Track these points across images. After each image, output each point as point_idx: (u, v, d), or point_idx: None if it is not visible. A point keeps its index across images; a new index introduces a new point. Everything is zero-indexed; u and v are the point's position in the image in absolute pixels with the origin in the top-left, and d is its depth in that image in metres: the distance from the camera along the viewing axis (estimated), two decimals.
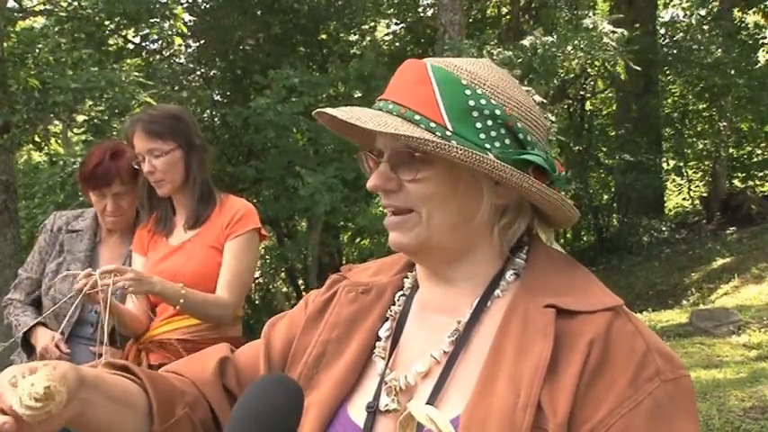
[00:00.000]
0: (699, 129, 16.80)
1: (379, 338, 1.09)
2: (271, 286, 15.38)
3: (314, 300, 1.20)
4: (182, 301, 2.39)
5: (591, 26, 10.28)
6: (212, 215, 2.58)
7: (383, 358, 1.07)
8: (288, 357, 1.15)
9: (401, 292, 1.14)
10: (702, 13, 16.64)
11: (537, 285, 1.01)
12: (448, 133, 0.99)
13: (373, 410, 1.02)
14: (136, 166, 2.59)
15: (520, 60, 10.02)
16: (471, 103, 1.01)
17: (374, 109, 1.04)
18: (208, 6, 13.77)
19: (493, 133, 1.01)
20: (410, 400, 1.01)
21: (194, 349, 2.45)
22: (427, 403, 0.98)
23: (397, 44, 15.17)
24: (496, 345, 0.97)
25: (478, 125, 1.01)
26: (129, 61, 12.78)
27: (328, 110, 1.04)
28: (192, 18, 13.26)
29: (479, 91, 1.02)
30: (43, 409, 0.88)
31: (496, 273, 1.05)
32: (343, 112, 1.01)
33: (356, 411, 1.04)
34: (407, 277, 1.15)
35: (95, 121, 9.73)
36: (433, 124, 0.99)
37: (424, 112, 1.00)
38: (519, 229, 1.07)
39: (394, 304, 1.12)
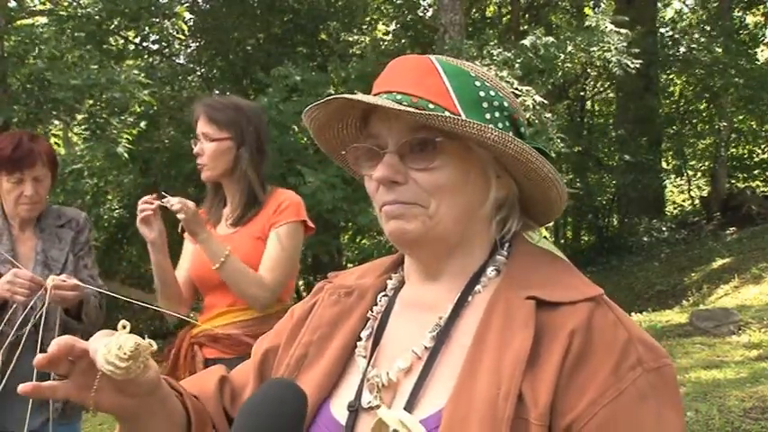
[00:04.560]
0: (699, 129, 16.81)
1: (360, 338, 1.10)
2: None
3: (299, 307, 1.21)
4: (222, 260, 2.42)
5: (594, 25, 10.28)
6: (259, 212, 2.60)
7: (365, 357, 1.07)
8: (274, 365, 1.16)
9: (383, 293, 1.14)
10: (701, 13, 16.65)
11: (518, 279, 1.01)
12: None
13: (355, 409, 1.02)
14: (193, 144, 2.63)
15: (520, 60, 10.02)
16: (482, 94, 1.03)
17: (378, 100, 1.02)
18: (208, 6, 13.77)
19: (500, 124, 1.04)
20: (393, 396, 1.01)
21: (247, 344, 2.43)
22: (409, 398, 0.98)
23: (396, 44, 15.17)
24: (478, 338, 0.97)
25: (488, 116, 1.03)
26: (129, 62, 12.79)
27: (336, 96, 1.03)
28: (191, 17, 13.27)
29: (487, 84, 1.05)
30: (128, 362, 0.91)
31: (478, 268, 1.06)
32: (360, 96, 1.01)
33: (338, 409, 1.05)
34: (391, 279, 1.15)
35: (96, 119, 9.75)
36: (447, 113, 1.00)
37: (437, 101, 1.00)
38: (513, 225, 1.08)
39: (376, 305, 1.13)
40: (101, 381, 0.94)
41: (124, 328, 0.94)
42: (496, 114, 1.03)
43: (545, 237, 1.17)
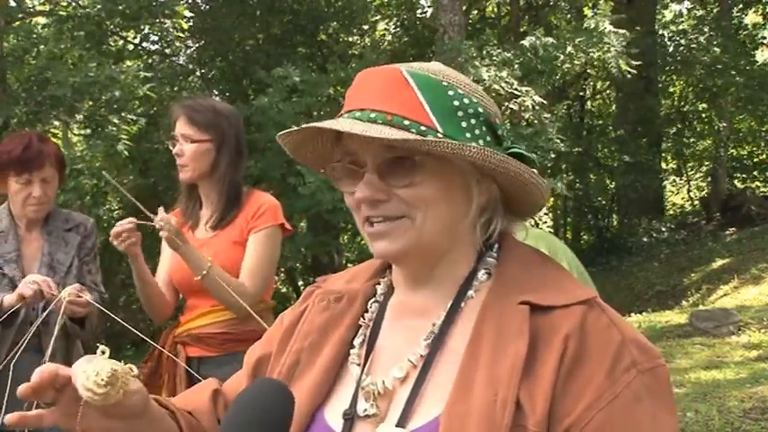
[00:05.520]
0: (699, 129, 16.82)
1: (353, 346, 1.09)
2: None
3: (289, 314, 1.21)
4: (204, 272, 2.45)
5: (592, 26, 10.29)
6: (238, 214, 2.63)
7: (358, 365, 1.06)
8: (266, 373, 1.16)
9: (374, 299, 1.13)
10: (700, 13, 16.66)
11: (510, 283, 1.01)
12: (439, 135, 0.99)
13: (350, 417, 1.02)
14: (170, 147, 2.64)
15: (520, 61, 10.02)
16: (456, 103, 1.02)
17: (350, 119, 1.01)
18: (208, 7, 13.77)
19: (477, 131, 1.02)
20: (389, 404, 1.01)
21: (233, 341, 2.51)
22: (405, 406, 0.98)
23: (396, 44, 15.18)
24: (473, 345, 0.97)
25: (464, 124, 1.02)
26: (129, 63, 12.79)
27: (307, 125, 1.02)
28: (191, 15, 13.27)
29: (460, 91, 1.03)
30: (106, 388, 0.91)
31: (469, 273, 1.05)
32: (331, 123, 0.99)
33: (333, 417, 1.04)
34: (380, 284, 1.15)
35: (96, 117, 9.76)
36: (423, 128, 0.99)
37: (412, 116, 0.99)
38: (497, 226, 1.07)
39: (367, 311, 1.12)
40: (86, 407, 0.94)
41: (103, 353, 0.94)
42: (472, 121, 1.02)
43: (538, 224, 1.17)
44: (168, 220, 2.41)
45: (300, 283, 14.96)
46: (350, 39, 14.74)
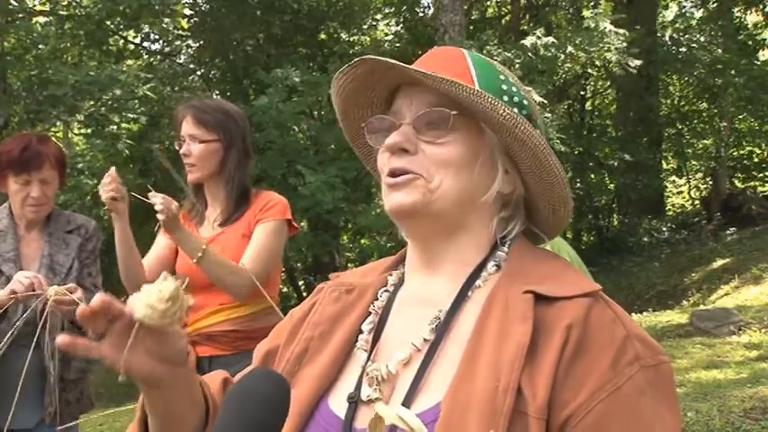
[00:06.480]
0: (699, 129, 16.82)
1: (361, 332, 1.10)
2: None
3: (298, 309, 1.22)
4: (200, 254, 2.43)
5: (592, 25, 10.29)
6: (246, 211, 2.63)
7: (365, 350, 1.08)
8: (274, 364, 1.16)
9: (384, 289, 1.15)
10: (700, 14, 16.66)
11: (517, 274, 1.02)
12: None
13: (354, 401, 1.03)
14: (177, 147, 2.64)
15: (520, 60, 10.02)
16: (504, 87, 1.08)
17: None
18: (208, 7, 13.78)
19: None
20: (392, 388, 1.02)
21: (244, 339, 2.49)
22: (408, 391, 0.99)
23: (397, 45, 15.17)
24: (477, 331, 0.98)
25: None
26: (129, 63, 12.79)
27: (366, 56, 1.06)
28: (191, 13, 13.27)
29: (511, 80, 1.10)
30: (167, 303, 0.90)
31: (479, 263, 1.07)
32: (386, 59, 1.03)
33: (337, 403, 1.05)
34: (391, 275, 1.16)
35: (96, 115, 9.77)
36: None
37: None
38: (515, 226, 1.09)
39: (377, 300, 1.14)
40: (134, 342, 0.93)
41: (165, 279, 0.93)
42: (515, 109, 1.05)
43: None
44: (168, 205, 2.37)
45: (301, 283, 14.98)
46: (350, 39, 14.74)
